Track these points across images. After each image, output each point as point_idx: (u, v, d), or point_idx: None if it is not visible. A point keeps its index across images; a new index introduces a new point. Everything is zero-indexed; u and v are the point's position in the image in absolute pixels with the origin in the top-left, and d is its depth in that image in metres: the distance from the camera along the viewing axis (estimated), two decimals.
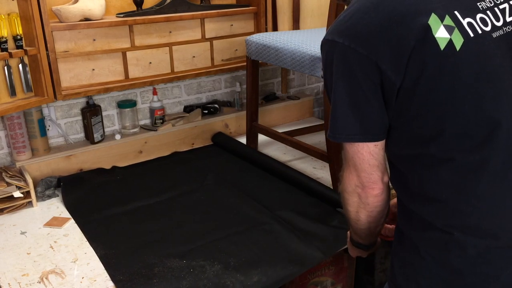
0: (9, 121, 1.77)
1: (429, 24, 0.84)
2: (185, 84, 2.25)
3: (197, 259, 1.36)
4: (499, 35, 0.88)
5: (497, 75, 0.86)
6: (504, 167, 0.87)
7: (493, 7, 0.90)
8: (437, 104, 0.87)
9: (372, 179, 0.99)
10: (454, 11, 0.87)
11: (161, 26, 1.96)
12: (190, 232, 1.50)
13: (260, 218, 1.56)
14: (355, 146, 0.97)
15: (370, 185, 1.00)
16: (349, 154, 0.99)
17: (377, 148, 0.97)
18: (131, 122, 2.09)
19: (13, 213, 1.65)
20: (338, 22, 0.94)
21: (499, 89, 0.86)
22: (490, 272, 0.91)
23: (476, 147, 0.86)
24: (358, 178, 1.00)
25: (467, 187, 0.89)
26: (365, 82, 0.90)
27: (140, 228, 1.54)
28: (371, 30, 0.87)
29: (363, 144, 0.97)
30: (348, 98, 0.95)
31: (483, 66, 0.85)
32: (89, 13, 1.77)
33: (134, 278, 1.29)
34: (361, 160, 0.98)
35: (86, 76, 1.85)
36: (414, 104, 0.88)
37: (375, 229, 1.11)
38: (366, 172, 0.99)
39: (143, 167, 1.99)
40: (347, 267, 1.70)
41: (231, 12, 2.12)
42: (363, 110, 0.94)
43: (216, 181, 1.82)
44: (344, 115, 0.97)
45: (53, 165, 1.86)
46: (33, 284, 1.29)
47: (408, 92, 0.88)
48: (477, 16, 0.88)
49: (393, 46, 0.86)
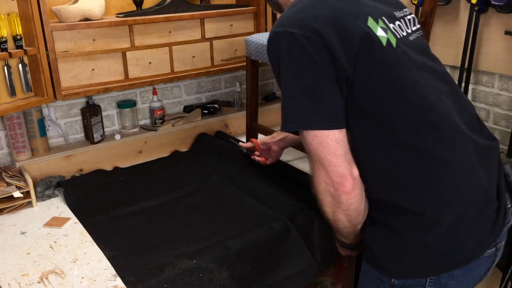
0: (9, 121, 1.78)
1: (369, 25, 0.97)
2: (185, 84, 2.25)
3: (207, 260, 1.35)
4: (412, 39, 1.05)
5: (423, 68, 1.00)
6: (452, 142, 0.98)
7: (403, 17, 1.08)
8: (389, 93, 0.96)
9: (341, 171, 0.97)
10: (383, 17, 1.01)
11: (160, 26, 1.96)
12: (198, 232, 1.50)
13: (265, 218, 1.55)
14: (319, 136, 0.96)
15: (339, 180, 0.98)
16: (313, 146, 0.98)
17: (342, 135, 0.97)
18: (131, 122, 2.09)
19: (13, 213, 1.65)
20: (287, 16, 0.99)
21: (426, 79, 1.00)
22: (460, 238, 0.99)
23: (426, 129, 0.96)
24: (326, 174, 0.98)
25: (429, 168, 0.96)
26: (326, 67, 0.94)
27: (147, 228, 1.53)
28: (322, 21, 0.94)
29: (328, 132, 0.96)
30: (310, 85, 0.95)
31: (412, 61, 0.99)
32: (89, 13, 1.77)
33: (144, 279, 1.28)
34: (327, 150, 0.97)
35: (86, 76, 1.85)
36: (369, 95, 0.96)
37: (356, 227, 1.09)
38: (333, 165, 0.97)
39: (145, 167, 1.99)
40: (347, 267, 1.70)
41: (230, 12, 2.12)
42: (327, 95, 0.95)
43: (220, 181, 1.82)
44: (306, 103, 0.96)
45: (53, 165, 1.86)
46: (33, 284, 1.29)
47: (362, 84, 0.96)
48: (396, 23, 1.04)
49: (342, 37, 0.94)
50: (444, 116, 0.99)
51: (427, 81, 1.01)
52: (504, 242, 1.08)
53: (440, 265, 1.00)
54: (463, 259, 1.00)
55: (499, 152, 1.12)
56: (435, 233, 0.98)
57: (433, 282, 1.01)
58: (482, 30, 1.95)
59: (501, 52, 1.91)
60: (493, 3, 1.83)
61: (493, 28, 1.91)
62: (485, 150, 1.06)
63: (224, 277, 1.32)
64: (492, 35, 1.92)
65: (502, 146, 2.02)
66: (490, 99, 2.02)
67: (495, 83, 1.99)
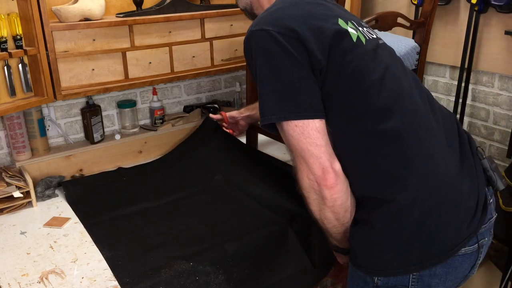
0: (8, 121, 1.78)
1: (340, 24, 1.03)
2: (184, 84, 2.25)
3: (204, 263, 1.35)
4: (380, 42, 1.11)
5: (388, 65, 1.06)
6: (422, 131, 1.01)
7: (364, 27, 1.14)
8: (358, 85, 1.00)
9: (322, 163, 0.98)
10: (352, 21, 1.08)
11: (160, 26, 1.96)
12: (197, 234, 1.49)
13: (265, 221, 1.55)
14: (300, 126, 0.98)
15: (321, 174, 0.98)
16: (294, 138, 0.99)
17: (322, 125, 0.99)
18: (131, 122, 2.09)
19: (13, 213, 1.65)
20: (262, 17, 1.04)
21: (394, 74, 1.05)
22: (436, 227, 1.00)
23: (393, 116, 0.99)
24: (308, 168, 0.99)
25: (399, 155, 0.99)
26: (302, 59, 0.98)
27: (146, 230, 1.53)
28: (296, 20, 1.00)
29: (308, 121, 0.98)
30: (289, 77, 0.98)
31: (380, 58, 1.05)
32: (89, 13, 1.77)
33: (141, 280, 1.28)
34: (308, 140, 0.98)
35: (85, 76, 1.85)
36: (339, 86, 1.00)
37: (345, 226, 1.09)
38: (314, 156, 0.98)
39: (148, 167, 1.99)
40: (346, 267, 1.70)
41: (230, 12, 2.12)
42: (305, 86, 0.98)
43: (222, 182, 1.81)
44: (284, 95, 0.98)
45: (53, 165, 1.87)
46: (33, 284, 1.29)
47: (334, 77, 1.00)
48: (361, 29, 1.09)
49: (315, 33, 0.99)
50: (413, 108, 1.03)
51: (395, 74, 1.06)
52: (487, 239, 1.08)
53: (420, 259, 1.00)
54: (442, 251, 1.00)
55: (476, 147, 1.14)
56: (410, 221, 0.99)
57: (416, 280, 1.01)
58: (482, 30, 1.95)
59: (501, 52, 1.91)
60: (493, 3, 1.83)
61: (493, 28, 1.91)
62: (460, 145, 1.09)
63: (220, 281, 1.33)
64: (492, 35, 1.92)
65: (502, 146, 2.02)
66: (490, 99, 2.02)
67: (495, 83, 1.99)
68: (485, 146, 2.08)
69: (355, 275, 1.11)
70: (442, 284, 1.03)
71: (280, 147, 2.14)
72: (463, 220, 1.02)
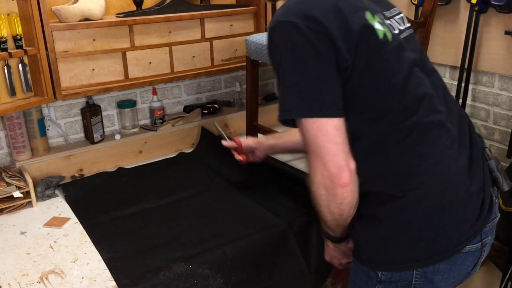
0: (8, 121, 1.78)
1: (367, 18, 1.00)
2: (184, 84, 2.25)
3: (203, 266, 1.34)
4: (403, 37, 1.08)
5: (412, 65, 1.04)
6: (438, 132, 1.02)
7: (393, 16, 1.11)
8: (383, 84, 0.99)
9: (339, 162, 0.97)
10: (379, 13, 1.06)
11: (160, 26, 1.96)
12: (196, 235, 1.49)
13: (266, 223, 1.54)
14: (319, 122, 0.96)
15: (336, 172, 0.97)
16: (310, 134, 0.97)
17: (341, 123, 0.98)
18: (131, 122, 2.09)
19: (13, 213, 1.65)
20: (288, 7, 1.01)
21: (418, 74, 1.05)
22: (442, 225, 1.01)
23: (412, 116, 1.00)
24: (323, 165, 0.97)
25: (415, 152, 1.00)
26: (328, 56, 0.96)
27: (146, 230, 1.53)
28: (324, 12, 0.97)
29: (328, 119, 0.96)
30: (313, 73, 0.96)
31: (404, 56, 1.03)
32: (89, 13, 1.77)
33: (139, 282, 1.28)
34: (325, 138, 0.96)
35: (85, 76, 1.85)
36: (364, 85, 0.99)
37: (346, 221, 1.10)
38: (331, 154, 0.97)
39: (148, 168, 1.99)
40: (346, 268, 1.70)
41: (230, 12, 2.12)
42: (328, 83, 0.97)
43: (223, 184, 1.81)
44: (307, 91, 0.96)
45: (53, 165, 1.86)
46: (33, 284, 1.29)
47: (359, 74, 0.98)
48: (387, 22, 1.07)
49: (343, 29, 0.96)
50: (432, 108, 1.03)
51: (418, 75, 1.05)
52: (490, 238, 1.09)
53: (425, 255, 1.01)
54: (447, 248, 1.01)
55: (483, 148, 1.14)
56: (417, 217, 1.00)
57: (419, 276, 1.02)
58: (482, 30, 1.95)
59: (501, 52, 1.91)
60: (493, 3, 1.83)
61: (493, 28, 1.91)
62: (471, 146, 1.10)
63: (218, 284, 1.33)
64: (492, 35, 1.92)
65: (502, 146, 2.02)
66: (490, 99, 2.02)
67: (495, 83, 1.99)
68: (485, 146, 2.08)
69: (358, 270, 1.11)
70: (445, 280, 1.04)
71: None
72: (469, 219, 1.03)
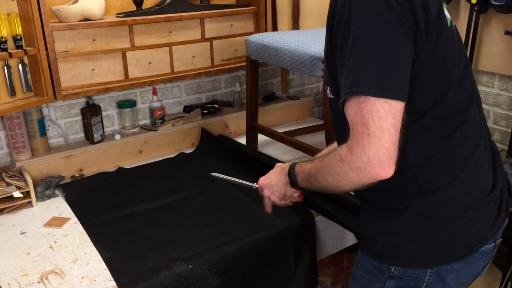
0: (9, 121, 1.78)
1: (441, 3, 0.95)
2: (185, 84, 2.25)
3: (202, 266, 1.35)
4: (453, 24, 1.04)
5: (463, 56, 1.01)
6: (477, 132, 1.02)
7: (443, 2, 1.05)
8: (445, 73, 0.95)
9: (392, 153, 0.86)
10: None
11: (160, 26, 1.96)
12: (196, 235, 1.49)
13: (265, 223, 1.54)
14: (390, 104, 0.85)
15: (386, 163, 0.86)
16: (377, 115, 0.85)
17: (404, 111, 0.88)
18: (131, 122, 2.09)
19: (13, 213, 1.65)
20: None
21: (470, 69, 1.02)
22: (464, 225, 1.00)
23: (461, 114, 0.98)
24: (377, 150, 0.86)
25: (456, 150, 0.99)
26: (411, 34, 0.88)
27: (146, 230, 1.53)
28: None
29: (399, 102, 0.86)
30: (396, 50, 0.87)
31: (461, 48, 1.00)
32: (89, 13, 1.77)
33: (139, 282, 1.28)
34: (392, 122, 0.85)
35: (85, 76, 1.85)
36: (426, 72, 0.93)
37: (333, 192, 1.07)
38: (391, 141, 0.85)
39: (148, 168, 1.98)
40: (346, 267, 1.70)
41: (230, 12, 2.12)
42: (407, 63, 0.89)
43: (223, 184, 1.80)
44: (386, 68, 0.87)
45: (53, 165, 1.86)
46: (33, 284, 1.29)
47: (426, 60, 0.92)
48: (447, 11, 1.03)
49: (424, 8, 0.90)
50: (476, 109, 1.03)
51: (470, 71, 1.04)
52: (500, 239, 1.10)
53: (443, 253, 1.00)
54: (465, 249, 1.01)
55: (499, 152, 1.15)
56: (441, 215, 0.99)
57: (433, 274, 1.01)
58: (482, 30, 1.95)
59: (501, 52, 1.91)
60: (493, 3, 1.83)
61: (493, 28, 1.91)
62: (492, 148, 1.11)
63: (215, 284, 1.34)
64: (492, 35, 1.92)
65: (502, 146, 2.02)
66: (490, 99, 2.02)
67: (495, 83, 1.99)
68: None
69: (368, 264, 1.07)
70: (456, 279, 1.03)
71: (279, 147, 2.14)
72: (489, 220, 1.03)
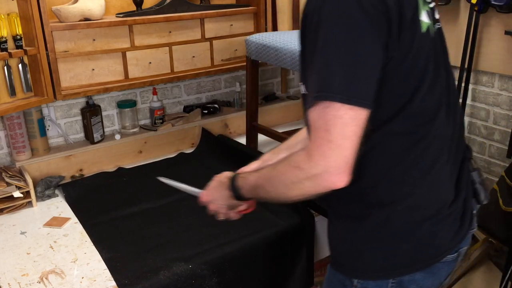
0: (8, 121, 1.78)
1: (418, 6, 0.90)
2: (185, 84, 2.25)
3: (201, 266, 1.35)
4: (435, 29, 0.99)
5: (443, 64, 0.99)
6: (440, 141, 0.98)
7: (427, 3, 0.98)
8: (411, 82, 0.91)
9: (350, 162, 0.83)
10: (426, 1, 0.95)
11: (160, 26, 1.96)
12: (196, 235, 1.49)
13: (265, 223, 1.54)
14: (355, 111, 0.81)
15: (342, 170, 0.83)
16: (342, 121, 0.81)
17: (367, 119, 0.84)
18: (131, 122, 2.09)
19: (13, 213, 1.65)
20: None
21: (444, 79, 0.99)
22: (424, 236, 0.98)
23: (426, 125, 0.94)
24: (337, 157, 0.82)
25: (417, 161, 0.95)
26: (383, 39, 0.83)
27: (146, 230, 1.53)
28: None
29: (365, 110, 0.82)
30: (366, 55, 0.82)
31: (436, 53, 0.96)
32: (89, 13, 1.77)
33: (139, 282, 1.28)
34: (355, 130, 0.82)
35: (85, 76, 1.85)
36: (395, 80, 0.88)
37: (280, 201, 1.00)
38: (352, 150, 0.82)
39: (148, 168, 1.98)
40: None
41: (230, 12, 2.12)
42: (377, 69, 0.84)
43: None
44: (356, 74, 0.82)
45: (53, 165, 1.86)
46: (33, 284, 1.29)
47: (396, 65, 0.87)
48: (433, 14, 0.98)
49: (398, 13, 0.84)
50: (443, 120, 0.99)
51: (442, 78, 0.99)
52: (466, 247, 1.07)
53: (403, 264, 0.98)
54: (426, 260, 0.98)
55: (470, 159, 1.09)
56: (401, 227, 0.97)
57: (395, 285, 0.99)
58: (482, 30, 1.95)
59: (501, 52, 1.91)
60: (493, 3, 1.83)
61: (493, 28, 1.91)
62: (463, 157, 1.07)
63: (214, 283, 1.34)
64: (492, 35, 1.92)
65: (502, 146, 2.02)
66: (490, 99, 2.02)
67: (495, 83, 1.99)
68: (485, 146, 2.08)
69: (333, 279, 1.07)
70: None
71: None
72: (451, 230, 1.01)
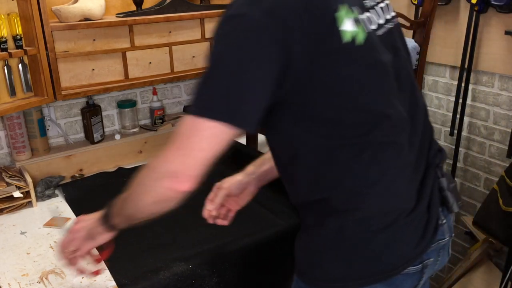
0: (8, 121, 1.78)
1: (337, 16, 0.85)
2: (185, 84, 2.25)
3: (201, 266, 1.35)
4: (381, 33, 0.94)
5: (385, 71, 0.92)
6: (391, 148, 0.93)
7: (376, 4, 0.96)
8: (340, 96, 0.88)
9: (197, 172, 0.88)
10: (355, 6, 0.89)
11: (160, 26, 1.96)
12: (196, 235, 1.49)
13: (265, 223, 1.54)
14: (218, 128, 0.83)
15: (191, 177, 0.89)
16: (199, 133, 0.84)
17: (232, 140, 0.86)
18: (131, 122, 2.09)
19: (13, 213, 1.65)
20: None
21: (387, 85, 0.92)
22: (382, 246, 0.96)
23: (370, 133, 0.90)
24: (183, 164, 0.87)
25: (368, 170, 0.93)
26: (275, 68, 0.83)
27: (146, 230, 1.52)
28: (290, 9, 0.81)
29: (231, 129, 0.83)
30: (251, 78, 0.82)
31: (375, 61, 0.90)
32: (89, 13, 1.77)
33: (139, 282, 1.28)
34: (213, 146, 0.85)
35: (86, 76, 1.85)
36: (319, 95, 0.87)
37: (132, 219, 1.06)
38: (205, 160, 0.86)
39: None
40: None
41: None
42: (257, 92, 0.84)
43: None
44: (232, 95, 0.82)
45: (53, 165, 1.86)
46: (33, 284, 1.29)
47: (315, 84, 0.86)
48: (366, 16, 0.92)
49: (307, 34, 0.82)
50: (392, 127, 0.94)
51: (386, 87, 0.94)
52: (434, 259, 1.04)
53: (361, 275, 0.96)
54: (385, 269, 0.96)
55: (439, 164, 1.06)
56: (356, 236, 0.96)
57: None
58: (482, 30, 1.95)
59: (501, 52, 1.91)
60: (493, 3, 1.83)
61: (493, 28, 1.91)
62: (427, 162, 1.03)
63: (214, 283, 1.34)
64: (492, 35, 1.92)
65: (502, 146, 2.02)
66: (490, 99, 2.02)
67: (495, 83, 1.99)
68: (485, 146, 2.08)
69: (296, 286, 1.07)
70: None
71: None
72: (410, 241, 0.98)
